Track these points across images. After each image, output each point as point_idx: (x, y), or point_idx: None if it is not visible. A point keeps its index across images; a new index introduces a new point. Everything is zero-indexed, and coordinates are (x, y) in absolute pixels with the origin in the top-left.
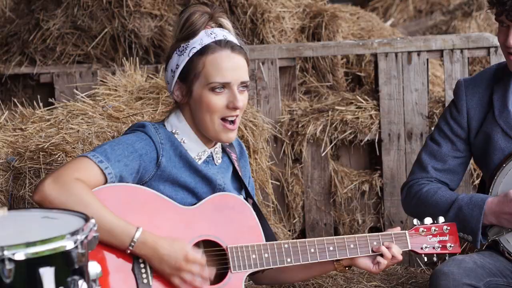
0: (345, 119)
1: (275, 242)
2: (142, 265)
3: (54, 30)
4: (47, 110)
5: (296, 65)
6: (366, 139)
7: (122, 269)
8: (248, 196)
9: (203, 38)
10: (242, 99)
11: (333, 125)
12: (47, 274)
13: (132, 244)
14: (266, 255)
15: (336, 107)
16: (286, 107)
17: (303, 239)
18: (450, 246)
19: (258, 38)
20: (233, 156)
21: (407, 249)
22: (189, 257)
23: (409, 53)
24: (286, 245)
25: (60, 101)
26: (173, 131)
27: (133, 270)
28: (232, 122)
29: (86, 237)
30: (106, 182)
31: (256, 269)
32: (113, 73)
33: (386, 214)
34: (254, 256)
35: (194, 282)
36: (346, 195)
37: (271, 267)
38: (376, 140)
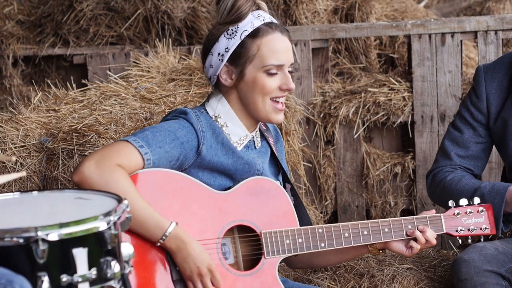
0: (378, 101)
1: (309, 227)
2: None
3: (87, 11)
4: (80, 91)
5: (329, 47)
6: (398, 121)
7: (156, 258)
8: (285, 181)
9: (252, 20)
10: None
11: (366, 107)
12: (80, 255)
13: (164, 237)
14: (300, 240)
15: (369, 89)
16: (318, 88)
17: (337, 224)
18: (485, 228)
19: (291, 19)
20: (271, 140)
21: (442, 232)
22: (212, 269)
23: (443, 34)
24: (320, 230)
25: (93, 82)
26: (215, 115)
27: (167, 258)
28: (281, 103)
29: (119, 218)
30: (143, 167)
31: (290, 255)
32: (146, 55)
33: (418, 196)
34: (288, 241)
35: None
36: (379, 177)
37: (305, 252)
38: (409, 122)
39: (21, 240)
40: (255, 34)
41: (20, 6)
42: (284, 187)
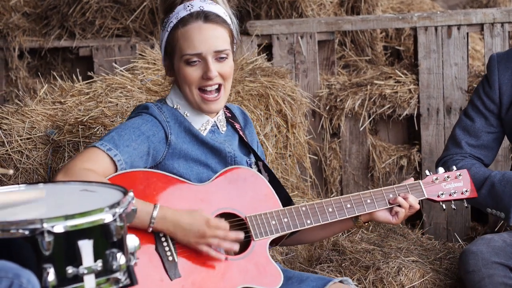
0: (383, 94)
1: (292, 206)
2: (165, 243)
3: (93, 3)
4: (86, 83)
5: (335, 39)
6: (404, 114)
7: (146, 251)
8: (257, 159)
9: (179, 11)
10: (219, 67)
11: (372, 100)
12: (86, 247)
13: (153, 221)
14: (286, 219)
15: (375, 82)
16: (324, 81)
17: (320, 200)
18: (466, 191)
19: (297, 12)
20: (237, 126)
21: (424, 198)
22: (210, 223)
23: (449, 27)
24: (303, 208)
25: (99, 75)
26: (175, 107)
27: (157, 249)
28: (217, 90)
29: (124, 210)
30: (116, 169)
31: (278, 234)
32: (152, 47)
33: None
34: (273, 222)
35: (221, 245)
36: (384, 170)
37: (292, 230)
38: (415, 115)
39: (26, 232)
40: (177, 25)
41: None
42: (257, 165)
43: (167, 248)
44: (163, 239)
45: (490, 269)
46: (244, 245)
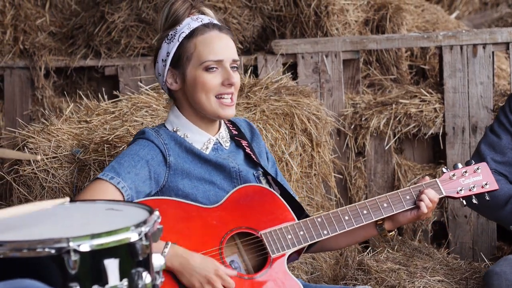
0: (409, 112)
1: (307, 218)
2: None
3: (119, 23)
4: (112, 102)
5: (360, 58)
6: (430, 133)
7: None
8: (266, 174)
9: (190, 22)
10: (236, 76)
11: (397, 118)
12: (112, 266)
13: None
14: (301, 232)
15: (400, 100)
16: (349, 100)
17: (335, 209)
18: (486, 184)
19: (322, 31)
20: (244, 143)
21: (442, 196)
22: (220, 272)
23: (475, 45)
24: (319, 219)
25: (124, 94)
26: (174, 129)
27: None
28: (229, 98)
29: (150, 229)
30: (123, 196)
31: (295, 248)
32: None
33: (450, 208)
34: (289, 236)
35: None
36: None
37: (309, 242)
38: (440, 134)
39: (53, 251)
40: (192, 34)
41: (52, 17)
42: (266, 178)
43: None
44: None
45: None
46: (262, 261)
